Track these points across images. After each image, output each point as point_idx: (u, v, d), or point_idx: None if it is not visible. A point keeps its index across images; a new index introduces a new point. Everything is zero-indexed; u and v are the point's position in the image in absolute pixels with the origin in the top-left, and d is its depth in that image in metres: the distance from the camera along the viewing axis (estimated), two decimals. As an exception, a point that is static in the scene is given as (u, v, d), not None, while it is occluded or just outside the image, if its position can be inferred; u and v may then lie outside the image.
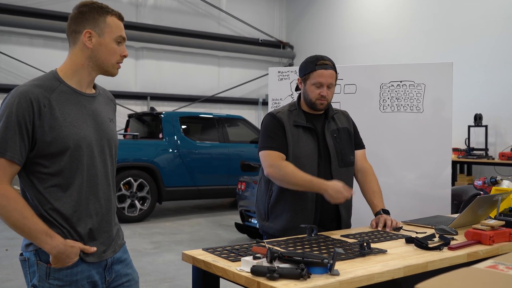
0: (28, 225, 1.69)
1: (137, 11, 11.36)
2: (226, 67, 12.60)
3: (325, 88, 2.52)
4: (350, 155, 2.66)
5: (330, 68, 2.53)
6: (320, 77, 2.51)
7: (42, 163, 1.75)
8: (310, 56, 2.63)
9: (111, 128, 1.95)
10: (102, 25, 1.82)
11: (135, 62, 11.16)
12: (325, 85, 2.51)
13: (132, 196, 7.43)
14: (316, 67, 2.52)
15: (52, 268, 1.75)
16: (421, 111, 3.49)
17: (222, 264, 1.78)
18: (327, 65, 2.53)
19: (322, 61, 2.54)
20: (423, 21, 9.93)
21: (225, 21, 12.56)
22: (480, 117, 8.52)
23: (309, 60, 2.59)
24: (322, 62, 2.54)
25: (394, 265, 1.79)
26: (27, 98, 1.70)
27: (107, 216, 1.89)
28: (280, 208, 2.55)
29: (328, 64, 2.54)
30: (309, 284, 1.54)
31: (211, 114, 9.10)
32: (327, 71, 2.52)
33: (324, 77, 2.51)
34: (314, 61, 2.55)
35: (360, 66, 3.71)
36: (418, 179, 3.55)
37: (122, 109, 10.77)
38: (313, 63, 2.55)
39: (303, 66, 2.60)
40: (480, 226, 2.15)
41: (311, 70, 2.54)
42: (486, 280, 1.12)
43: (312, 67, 2.54)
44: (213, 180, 8.22)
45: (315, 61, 2.55)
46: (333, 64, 2.57)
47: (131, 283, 1.99)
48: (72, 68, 1.84)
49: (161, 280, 4.64)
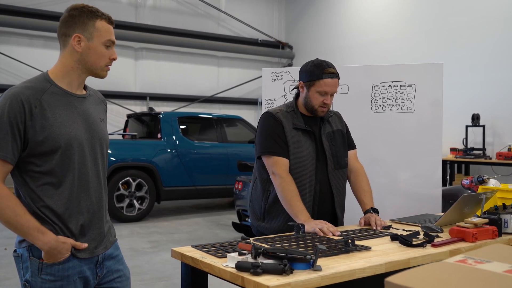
0: (21, 222, 1.74)
1: (136, 11, 11.41)
2: (225, 68, 12.65)
3: (328, 96, 2.53)
4: (344, 157, 2.70)
5: (336, 77, 2.53)
6: (326, 86, 2.50)
7: (34, 162, 1.80)
8: (314, 60, 2.59)
9: (101, 128, 2.00)
10: (91, 29, 1.86)
11: (135, 62, 11.21)
12: (329, 94, 2.53)
13: (130, 195, 7.48)
14: (323, 75, 2.50)
15: (44, 264, 1.79)
16: (412, 111, 3.54)
17: (209, 260, 1.83)
18: (333, 74, 2.52)
19: (329, 69, 2.52)
20: (422, 21, 9.98)
21: (224, 21, 12.61)
22: (478, 117, 8.56)
23: (315, 67, 2.54)
24: (329, 70, 2.51)
25: (376, 261, 1.83)
26: (18, 99, 1.75)
27: (98, 213, 1.94)
28: (278, 209, 2.54)
29: (334, 73, 2.53)
30: (291, 279, 1.59)
31: (210, 114, 9.15)
32: (333, 80, 2.52)
33: (330, 86, 2.51)
34: (321, 68, 2.52)
35: (352, 67, 3.76)
36: (410, 178, 3.60)
37: (121, 109, 10.83)
38: (320, 70, 2.51)
39: (308, 72, 2.56)
40: (464, 224, 2.20)
41: (317, 78, 2.51)
42: (453, 274, 1.17)
43: (319, 75, 2.51)
44: (211, 180, 8.26)
45: (322, 69, 2.51)
46: (337, 72, 2.56)
47: (122, 279, 2.04)
48: (63, 70, 1.88)
49: (158, 279, 4.69)
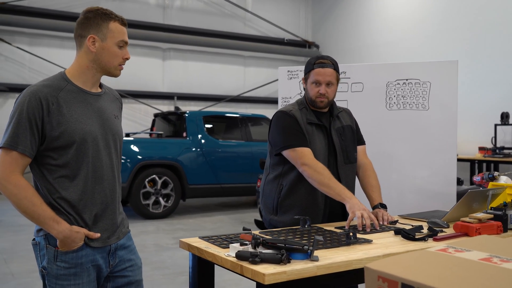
0: (38, 212, 1.86)
1: (164, 12, 11.63)
2: (252, 67, 12.75)
3: (323, 86, 2.60)
4: (354, 152, 2.75)
5: (328, 66, 2.61)
6: (318, 75, 2.60)
7: (51, 155, 1.92)
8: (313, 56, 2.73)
9: (115, 124, 2.11)
10: (105, 30, 1.98)
11: (163, 63, 11.43)
12: (323, 83, 2.60)
13: (156, 193, 7.65)
14: (315, 65, 2.62)
15: (59, 251, 1.91)
16: (426, 109, 3.54)
17: (213, 250, 1.91)
18: (324, 64, 2.61)
19: (321, 60, 2.64)
20: (452, 17, 9.83)
21: (251, 21, 12.71)
22: (507, 116, 8.41)
23: (310, 60, 2.69)
24: (321, 61, 2.63)
25: (374, 253, 1.88)
26: (36, 97, 1.88)
27: (111, 205, 2.05)
28: (290, 202, 2.62)
29: (326, 63, 2.61)
30: (287, 268, 1.66)
31: (235, 113, 9.26)
32: (325, 69, 2.60)
33: (321, 75, 2.60)
34: (314, 60, 2.66)
35: (367, 65, 3.79)
36: (424, 176, 3.60)
37: (149, 108, 11.06)
38: (313, 62, 2.65)
39: (305, 66, 2.71)
40: (468, 219, 2.22)
41: (310, 69, 2.65)
42: (431, 261, 1.23)
43: (311, 66, 2.64)
44: (236, 178, 8.36)
45: (315, 60, 2.65)
46: (333, 63, 2.64)
47: (134, 268, 2.15)
48: (78, 69, 2.01)
49: (179, 273, 4.82)
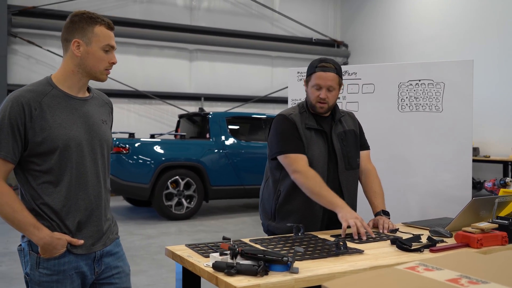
0: (18, 218, 1.85)
1: (191, 14, 11.68)
2: (279, 67, 12.66)
3: (324, 90, 2.50)
4: (356, 158, 2.65)
5: (330, 70, 2.50)
6: (319, 79, 2.50)
7: (35, 161, 1.91)
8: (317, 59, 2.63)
9: (103, 129, 2.08)
10: (89, 34, 1.95)
11: (190, 64, 11.47)
12: (324, 88, 2.50)
13: (179, 194, 7.66)
14: (316, 69, 2.52)
15: (41, 258, 1.90)
16: (440, 110, 3.39)
17: (194, 259, 1.85)
18: (326, 68, 2.50)
19: (323, 63, 2.53)
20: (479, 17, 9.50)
21: (278, 21, 12.62)
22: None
23: (312, 63, 2.59)
24: (323, 64, 2.52)
25: (361, 265, 1.79)
26: (19, 102, 1.87)
27: (97, 211, 2.02)
28: (288, 209, 2.55)
29: (329, 67, 2.51)
30: (262, 281, 1.58)
31: (259, 114, 9.19)
32: (326, 74, 2.50)
33: (322, 79, 2.50)
34: (316, 63, 2.55)
35: (378, 65, 3.66)
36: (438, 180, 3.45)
37: (176, 109, 11.12)
38: (315, 65, 2.54)
39: (307, 69, 2.61)
40: (469, 229, 2.09)
41: (311, 72, 2.55)
42: (393, 281, 1.13)
43: (313, 69, 2.54)
44: (259, 180, 8.26)
45: (317, 64, 2.54)
46: (336, 68, 2.53)
47: (121, 275, 2.11)
48: (64, 74, 1.99)
49: (194, 275, 4.79)
